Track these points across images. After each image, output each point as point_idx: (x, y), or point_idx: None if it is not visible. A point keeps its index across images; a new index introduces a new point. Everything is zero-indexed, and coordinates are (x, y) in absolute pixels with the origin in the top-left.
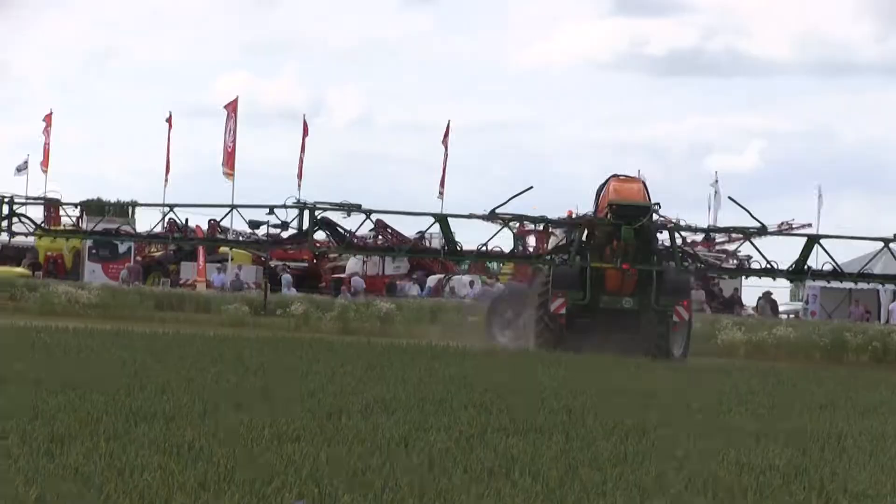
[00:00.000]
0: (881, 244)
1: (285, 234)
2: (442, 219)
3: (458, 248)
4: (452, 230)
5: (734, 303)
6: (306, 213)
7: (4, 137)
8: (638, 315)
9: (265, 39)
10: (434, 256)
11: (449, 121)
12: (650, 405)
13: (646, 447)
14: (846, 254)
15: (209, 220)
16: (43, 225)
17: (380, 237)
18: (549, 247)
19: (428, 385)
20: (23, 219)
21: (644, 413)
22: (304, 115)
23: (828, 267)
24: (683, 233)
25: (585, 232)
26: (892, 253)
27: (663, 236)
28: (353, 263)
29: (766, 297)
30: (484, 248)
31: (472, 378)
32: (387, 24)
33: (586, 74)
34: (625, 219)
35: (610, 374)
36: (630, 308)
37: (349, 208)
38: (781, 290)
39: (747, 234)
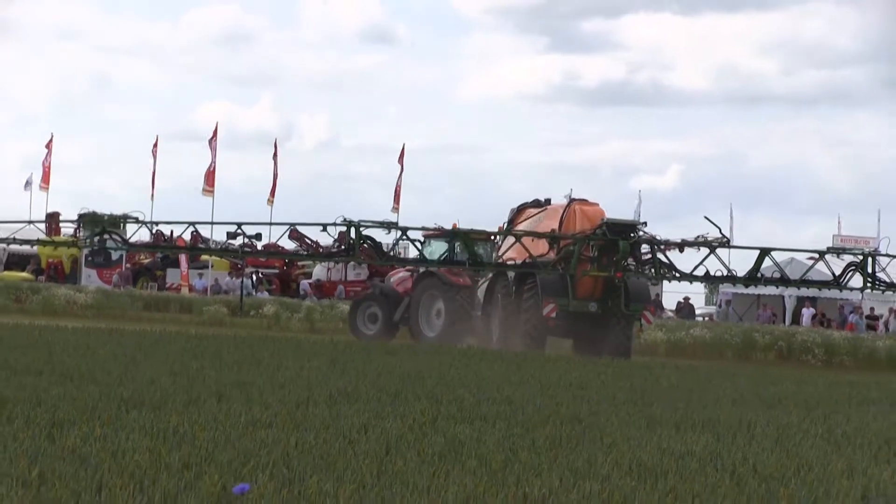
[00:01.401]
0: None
1: (257, 245)
2: (465, 235)
3: (479, 261)
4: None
5: (656, 306)
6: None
7: (12, 155)
8: (599, 318)
9: (243, 72)
10: (459, 267)
11: (404, 144)
12: (582, 397)
13: (578, 434)
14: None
15: (192, 232)
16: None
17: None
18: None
19: (385, 378)
20: (113, 235)
21: (577, 404)
22: (276, 140)
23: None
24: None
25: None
26: (826, 264)
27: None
28: (318, 270)
29: (686, 301)
30: (500, 260)
31: (424, 372)
32: (350, 59)
33: (525, 104)
34: (618, 235)
35: (545, 368)
36: (594, 312)
37: (388, 226)
38: (697, 295)
39: (712, 246)
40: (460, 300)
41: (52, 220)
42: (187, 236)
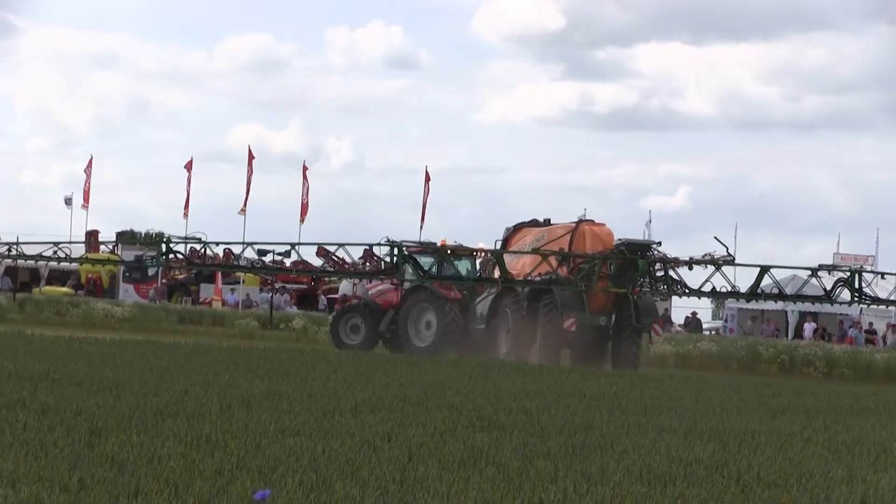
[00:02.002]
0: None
1: (286, 262)
2: (499, 255)
3: (510, 277)
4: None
5: (665, 321)
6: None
7: (55, 176)
8: (608, 331)
9: (273, 97)
10: (492, 284)
11: (426, 165)
12: (595, 407)
13: (591, 442)
14: (767, 279)
15: (224, 249)
16: (188, 258)
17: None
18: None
19: (407, 389)
20: (178, 255)
21: (590, 414)
22: (305, 161)
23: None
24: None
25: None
26: (818, 280)
27: None
28: (344, 285)
29: (693, 316)
30: (533, 278)
31: (444, 383)
32: (374, 85)
33: (542, 128)
34: (635, 254)
35: (560, 380)
36: (604, 325)
37: (427, 246)
38: (704, 311)
39: (717, 263)
40: (452, 313)
41: (92, 237)
42: (250, 254)
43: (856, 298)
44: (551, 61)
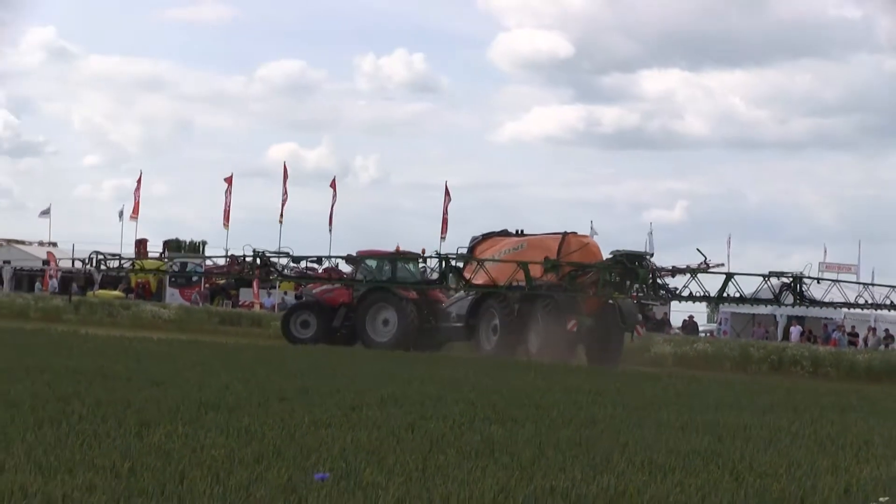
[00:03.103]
0: (776, 279)
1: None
2: (525, 266)
3: (489, 282)
4: None
5: (664, 324)
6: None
7: (107, 190)
8: (594, 332)
9: (306, 119)
10: (515, 289)
11: (446, 181)
12: (600, 402)
13: (597, 435)
14: (749, 287)
15: (261, 258)
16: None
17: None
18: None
19: (428, 385)
20: (273, 268)
21: (595, 409)
22: (334, 177)
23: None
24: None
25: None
26: (769, 286)
27: None
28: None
29: (690, 319)
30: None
31: (462, 380)
32: (398, 107)
33: (551, 147)
34: (633, 263)
35: (568, 378)
36: (590, 326)
37: (466, 258)
38: (700, 314)
39: (693, 271)
40: (411, 312)
41: (141, 245)
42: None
43: (797, 301)
44: (561, 86)
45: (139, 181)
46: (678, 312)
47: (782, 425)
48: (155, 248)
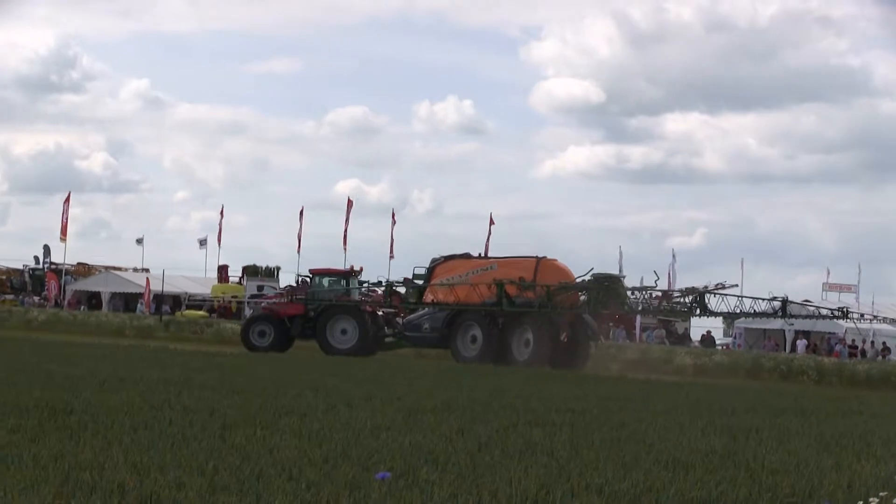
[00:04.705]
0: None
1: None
2: (500, 284)
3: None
4: None
5: (685, 338)
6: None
7: (194, 222)
8: (566, 343)
9: (369, 158)
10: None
11: (491, 212)
12: (629, 408)
13: (626, 436)
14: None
15: (298, 277)
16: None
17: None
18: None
19: (476, 393)
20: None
21: (625, 413)
22: (393, 209)
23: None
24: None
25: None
26: (784, 308)
27: None
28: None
29: (708, 334)
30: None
31: (505, 389)
32: (450, 147)
33: (585, 182)
34: (614, 283)
35: (598, 386)
36: (562, 339)
37: (523, 284)
38: (717, 329)
39: (653, 288)
40: (370, 323)
41: (222, 271)
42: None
43: (699, 313)
44: (593, 128)
45: (222, 213)
46: (697, 328)
47: (791, 427)
48: (235, 273)
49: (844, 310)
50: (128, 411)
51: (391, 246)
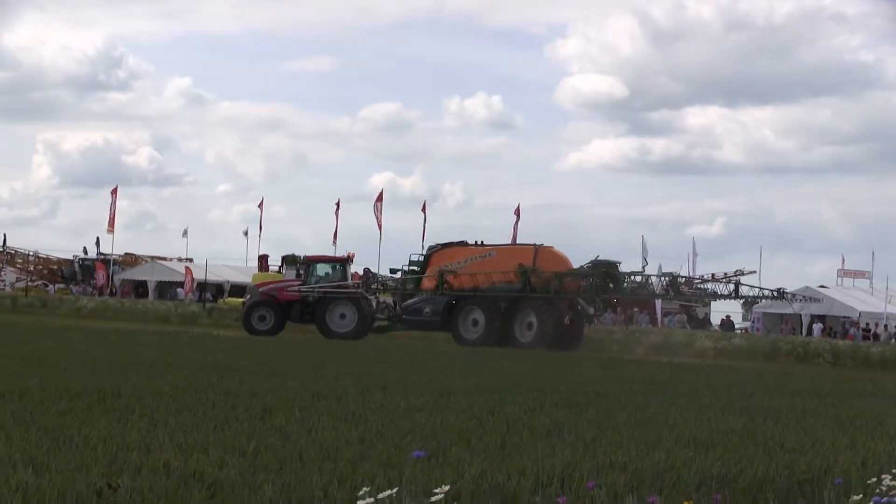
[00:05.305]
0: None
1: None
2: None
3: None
4: None
5: (705, 322)
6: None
7: (235, 214)
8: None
9: (402, 152)
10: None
11: (519, 203)
12: (651, 390)
13: (649, 417)
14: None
15: (364, 269)
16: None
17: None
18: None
19: (505, 376)
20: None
21: (647, 395)
22: (425, 201)
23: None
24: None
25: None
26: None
27: None
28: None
29: (728, 318)
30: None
31: (533, 372)
32: (479, 141)
33: (609, 174)
34: (612, 269)
35: (621, 369)
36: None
37: (548, 276)
38: (736, 314)
39: (705, 279)
40: (368, 308)
41: (263, 260)
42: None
43: (672, 294)
44: (616, 122)
45: (262, 206)
46: (717, 313)
47: (807, 408)
48: (274, 263)
49: (781, 290)
50: (173, 395)
51: (423, 236)
